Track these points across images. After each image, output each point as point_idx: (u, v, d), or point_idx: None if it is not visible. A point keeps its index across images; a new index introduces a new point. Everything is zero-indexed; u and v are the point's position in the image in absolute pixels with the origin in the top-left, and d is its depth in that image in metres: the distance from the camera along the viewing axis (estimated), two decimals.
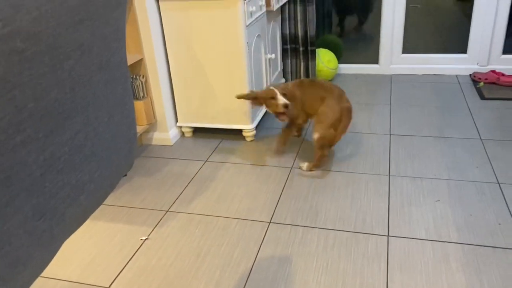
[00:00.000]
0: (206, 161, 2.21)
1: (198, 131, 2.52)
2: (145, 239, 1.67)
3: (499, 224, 1.61)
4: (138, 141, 2.44)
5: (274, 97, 1.93)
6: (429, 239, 1.56)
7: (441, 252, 1.49)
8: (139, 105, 2.23)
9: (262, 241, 1.61)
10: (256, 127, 2.42)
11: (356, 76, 3.26)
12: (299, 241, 1.60)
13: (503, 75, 2.86)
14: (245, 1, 2.09)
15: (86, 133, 0.50)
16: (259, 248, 1.57)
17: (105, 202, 1.94)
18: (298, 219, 1.72)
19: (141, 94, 2.25)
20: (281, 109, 1.91)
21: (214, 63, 2.23)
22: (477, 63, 3.09)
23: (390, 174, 1.97)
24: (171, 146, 2.40)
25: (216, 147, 2.34)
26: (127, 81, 0.59)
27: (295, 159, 2.15)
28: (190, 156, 2.27)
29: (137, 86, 2.22)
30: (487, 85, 2.87)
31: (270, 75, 2.64)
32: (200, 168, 2.14)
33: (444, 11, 3.25)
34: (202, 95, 2.33)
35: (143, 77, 2.24)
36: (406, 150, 2.17)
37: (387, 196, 1.82)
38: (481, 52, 3.06)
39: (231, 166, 2.14)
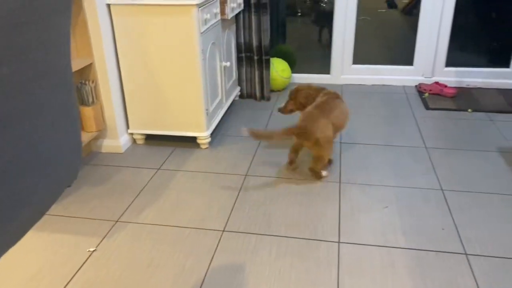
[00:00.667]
0: (158, 169, 2.17)
1: (150, 138, 2.47)
2: (93, 251, 1.61)
3: (443, 229, 1.68)
4: (87, 149, 2.36)
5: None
6: (377, 244, 1.61)
7: (389, 257, 1.54)
8: (88, 111, 2.16)
9: (215, 250, 1.60)
10: (211, 134, 2.40)
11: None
12: (252, 249, 1.60)
13: (445, 86, 3.02)
14: (200, 8, 2.08)
15: (26, 142, 0.48)
16: (212, 257, 1.56)
17: (50, 213, 1.85)
18: (252, 227, 1.72)
19: (90, 99, 2.18)
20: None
21: (168, 69, 2.20)
22: (423, 75, 3.25)
23: (341, 182, 2.02)
24: (122, 153, 2.33)
25: (170, 154, 2.31)
26: (72, 88, 0.57)
27: (249, 167, 2.16)
28: (141, 164, 2.22)
29: (86, 91, 2.15)
30: (431, 96, 3.02)
31: (225, 83, 2.64)
32: (152, 177, 2.10)
33: (392, 24, 3.40)
34: (155, 101, 2.29)
35: (92, 82, 2.17)
36: (356, 158, 2.23)
37: (338, 203, 1.86)
38: (426, 65, 3.21)
39: (185, 174, 2.11)
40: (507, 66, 3.14)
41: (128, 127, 2.40)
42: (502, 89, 3.12)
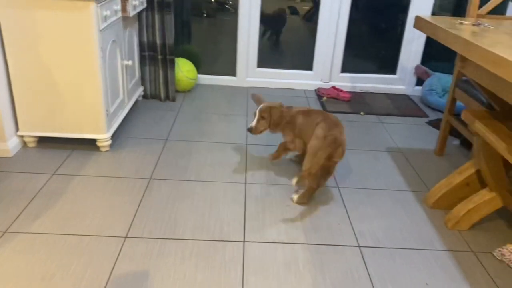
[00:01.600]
0: (53, 174, 2.02)
1: (44, 141, 2.29)
2: None
3: (339, 224, 1.80)
4: None
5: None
6: (280, 242, 1.67)
7: (291, 253, 1.61)
8: None
9: (117, 257, 1.53)
10: (112, 136, 2.30)
11: (214, 88, 3.34)
12: (157, 254, 1.56)
13: (341, 91, 3.23)
14: (98, 5, 1.98)
15: None
16: (114, 266, 1.49)
17: None
18: (156, 231, 1.68)
19: None
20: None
21: (64, 67, 2.05)
22: (321, 80, 3.44)
23: (246, 182, 2.06)
24: (11, 158, 2.13)
25: (66, 158, 2.16)
26: None
27: (154, 170, 2.10)
28: (34, 169, 2.04)
29: None
30: (329, 100, 3.21)
31: (127, 82, 2.54)
32: (46, 182, 1.95)
33: (295, 30, 3.54)
34: (49, 101, 2.12)
35: None
36: (260, 159, 2.29)
37: (243, 204, 1.89)
38: (324, 70, 3.41)
39: (83, 179, 1.99)
40: (394, 73, 3.46)
41: (17, 129, 2.20)
42: (390, 93, 3.43)
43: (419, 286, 1.49)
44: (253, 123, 2.03)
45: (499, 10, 3.23)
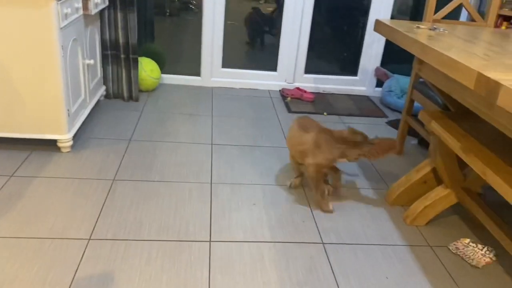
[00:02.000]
0: (11, 176, 1.95)
1: (1, 142, 2.20)
2: None
3: (303, 221, 1.84)
4: None
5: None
6: (246, 240, 1.69)
7: (257, 251, 1.63)
8: None
9: (81, 260, 1.50)
10: (74, 137, 2.24)
11: (178, 87, 3.32)
12: (122, 256, 1.54)
13: (305, 92, 3.29)
14: (59, 2, 1.93)
15: None
16: (77, 269, 1.46)
17: None
18: (121, 232, 1.66)
19: None
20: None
21: (23, 66, 1.99)
22: (285, 80, 3.49)
23: (212, 182, 2.07)
24: None
25: (25, 160, 2.09)
26: None
27: (117, 170, 2.07)
28: None
29: None
30: (293, 100, 3.26)
31: (89, 81, 2.49)
32: (3, 185, 1.88)
33: (260, 30, 3.57)
34: (7, 101, 2.05)
35: None
36: (226, 159, 2.30)
37: (209, 203, 1.90)
38: (288, 71, 3.46)
39: (44, 181, 1.94)
40: (355, 74, 3.55)
41: None
42: (351, 94, 3.52)
43: (380, 280, 1.55)
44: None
45: (453, 15, 3.38)
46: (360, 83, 3.55)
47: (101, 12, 2.71)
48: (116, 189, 1.93)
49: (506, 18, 2.93)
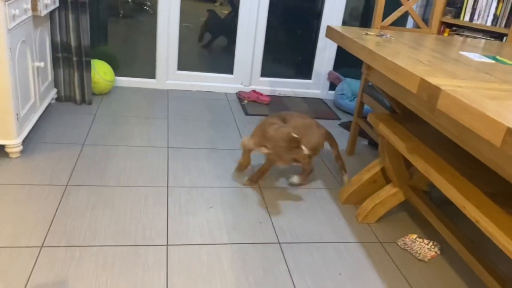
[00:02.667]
0: None
1: None
2: None
3: (260, 222, 1.88)
4: None
5: (298, 146, 1.83)
6: (204, 243, 1.70)
7: (215, 254, 1.65)
8: None
9: (33, 269, 1.46)
10: (24, 142, 2.17)
11: (133, 90, 3.28)
12: (76, 262, 1.51)
13: (261, 94, 3.34)
14: (6, 3, 1.86)
15: None
16: (29, 277, 1.42)
17: None
18: (75, 239, 1.63)
19: None
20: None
21: None
22: (242, 83, 3.53)
23: (169, 186, 2.06)
24: None
25: None
26: None
27: (70, 176, 2.02)
28: None
29: None
30: (250, 103, 3.30)
31: (39, 84, 2.41)
32: None
33: (215, 33, 3.58)
34: None
35: None
36: (183, 162, 2.30)
37: (165, 207, 1.90)
38: (244, 74, 3.50)
39: None
40: (309, 78, 3.65)
41: None
42: (306, 97, 3.61)
43: (334, 276, 1.61)
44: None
45: (400, 22, 3.55)
46: (314, 86, 3.65)
47: (51, 13, 2.63)
48: (69, 195, 1.89)
49: (448, 25, 3.11)
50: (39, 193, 1.87)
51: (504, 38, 2.77)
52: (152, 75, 3.36)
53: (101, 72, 2.97)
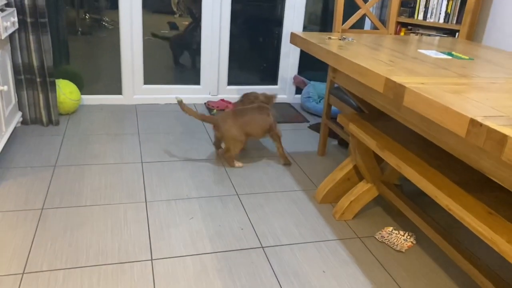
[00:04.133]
0: None
1: None
2: None
3: (242, 229, 1.90)
4: None
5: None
6: (188, 254, 1.71)
7: (200, 264, 1.67)
8: None
9: None
10: None
11: (101, 107, 3.24)
12: (61, 286, 1.49)
13: (230, 103, 3.38)
14: None
15: None
16: None
17: None
18: (57, 262, 1.60)
19: None
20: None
21: None
22: (209, 93, 3.55)
23: (147, 201, 2.06)
24: None
25: None
26: None
27: (45, 199, 1.99)
28: None
29: None
30: (219, 112, 3.33)
31: (3, 109, 2.36)
32: None
33: (177, 45, 3.59)
34: None
35: None
36: (158, 176, 2.30)
37: (146, 222, 1.89)
38: (211, 84, 3.53)
39: None
40: (276, 83, 3.71)
41: None
42: (274, 103, 3.66)
43: (318, 274, 1.66)
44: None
45: (358, 25, 3.68)
46: (280, 91, 3.72)
47: (11, 35, 2.58)
48: (46, 218, 1.86)
49: (403, 25, 3.25)
50: (14, 219, 1.83)
51: (456, 34, 2.93)
52: (118, 91, 3.34)
53: (66, 91, 2.93)
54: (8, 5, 2.52)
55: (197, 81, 3.51)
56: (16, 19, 2.49)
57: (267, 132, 2.51)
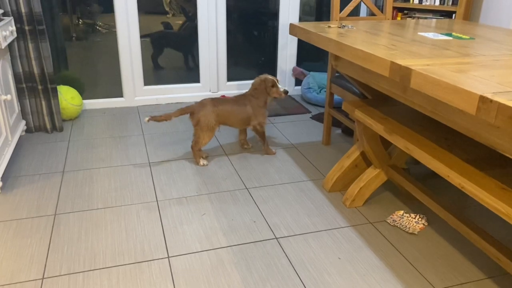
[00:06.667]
0: None
1: None
2: None
3: (254, 221, 1.92)
4: None
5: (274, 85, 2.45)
6: (204, 249, 1.73)
7: (216, 258, 1.68)
8: None
9: None
10: (1, 178, 2.12)
11: (103, 111, 3.25)
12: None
13: None
14: None
15: None
16: None
17: None
18: (75, 265, 1.62)
19: None
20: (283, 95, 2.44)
21: None
22: (210, 90, 3.56)
23: (158, 200, 2.07)
24: None
25: None
26: None
27: (57, 204, 2.00)
28: None
29: None
30: None
31: (8, 118, 2.37)
32: None
33: (173, 44, 3.60)
34: None
35: None
36: (167, 175, 2.31)
37: (159, 221, 1.91)
38: (211, 81, 3.53)
39: None
40: (275, 76, 3.71)
41: None
42: None
43: (334, 261, 1.67)
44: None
45: (353, 12, 3.68)
46: (280, 84, 3.72)
47: (10, 44, 2.58)
48: (60, 223, 1.87)
49: (399, 9, 3.25)
50: (28, 226, 1.84)
51: (453, 15, 2.93)
52: (119, 93, 3.34)
53: (68, 97, 2.93)
54: (5, 14, 2.52)
55: (196, 79, 3.52)
56: (14, 28, 2.49)
57: (246, 123, 2.48)
